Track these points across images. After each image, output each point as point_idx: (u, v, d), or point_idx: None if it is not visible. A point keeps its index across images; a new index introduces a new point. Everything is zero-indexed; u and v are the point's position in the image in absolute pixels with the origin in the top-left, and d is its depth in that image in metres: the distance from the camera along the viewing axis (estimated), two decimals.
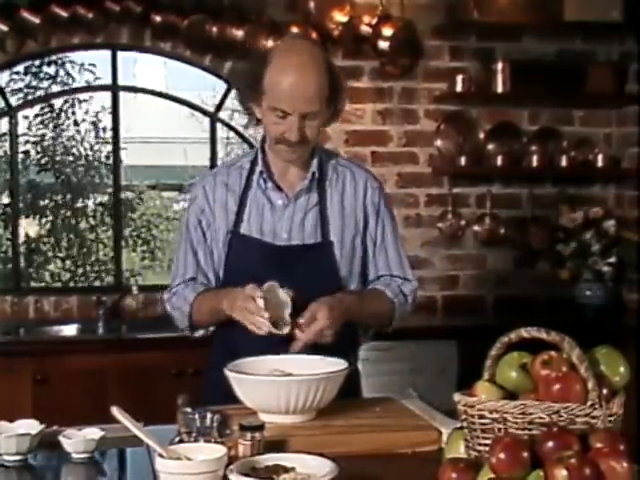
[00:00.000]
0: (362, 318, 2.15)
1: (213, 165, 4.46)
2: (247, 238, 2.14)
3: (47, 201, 6.02)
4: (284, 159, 2.13)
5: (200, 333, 2.28)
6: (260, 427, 1.65)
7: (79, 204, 6.16)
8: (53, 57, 5.41)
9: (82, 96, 5.82)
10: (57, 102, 5.86)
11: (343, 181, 2.19)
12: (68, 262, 6.07)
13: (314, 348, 1.99)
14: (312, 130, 2.06)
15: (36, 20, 3.91)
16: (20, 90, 5.62)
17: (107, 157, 5.94)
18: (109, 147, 4.32)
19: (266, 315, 1.92)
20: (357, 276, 2.20)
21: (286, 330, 1.97)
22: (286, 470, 1.55)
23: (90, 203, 6.24)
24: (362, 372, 2.30)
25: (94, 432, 1.80)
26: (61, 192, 6.08)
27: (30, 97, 5.60)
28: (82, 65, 5.61)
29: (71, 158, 6.15)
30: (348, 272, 2.17)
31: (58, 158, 6.07)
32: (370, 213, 2.20)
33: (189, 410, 1.74)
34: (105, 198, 6.08)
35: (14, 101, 4.67)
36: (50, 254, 6.03)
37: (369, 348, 3.24)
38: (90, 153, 6.13)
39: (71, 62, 5.67)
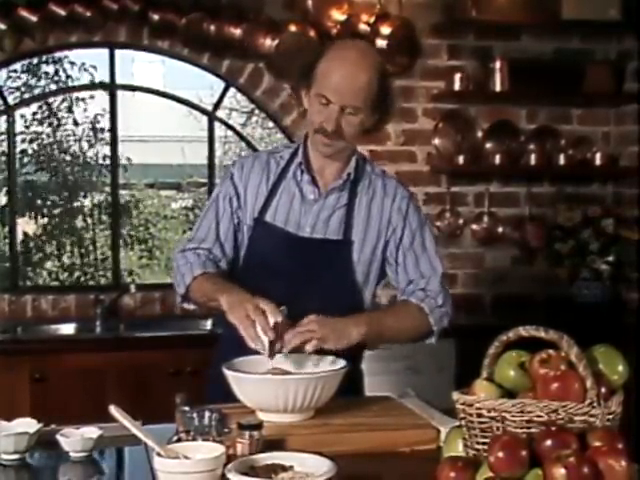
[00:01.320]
0: (382, 337, 2.08)
1: (211, 164, 4.45)
2: (270, 226, 2.16)
3: (44, 200, 6.02)
4: (320, 152, 2.14)
5: (190, 307, 2.22)
6: (258, 426, 1.65)
7: (76, 203, 6.16)
8: (51, 56, 5.41)
9: (79, 95, 5.81)
10: (54, 101, 5.85)
11: (374, 189, 2.20)
12: (66, 261, 6.07)
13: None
14: (350, 127, 2.06)
15: (34, 18, 3.90)
16: (18, 88, 5.62)
17: (104, 156, 5.95)
18: (107, 146, 4.30)
19: (271, 336, 1.86)
20: (372, 285, 2.20)
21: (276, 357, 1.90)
22: (284, 469, 1.54)
23: (88, 202, 6.24)
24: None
25: (92, 431, 1.80)
26: (58, 191, 6.08)
27: (28, 95, 5.59)
28: (83, 65, 5.61)
29: (68, 157, 6.15)
30: (364, 277, 2.17)
31: (55, 157, 6.07)
32: (396, 220, 2.18)
33: (187, 409, 1.73)
34: (103, 197, 6.08)
35: (12, 100, 4.65)
36: (48, 253, 6.02)
37: None
38: (87, 152, 6.13)
39: (70, 62, 5.67)
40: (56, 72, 5.70)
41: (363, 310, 2.18)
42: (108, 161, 4.37)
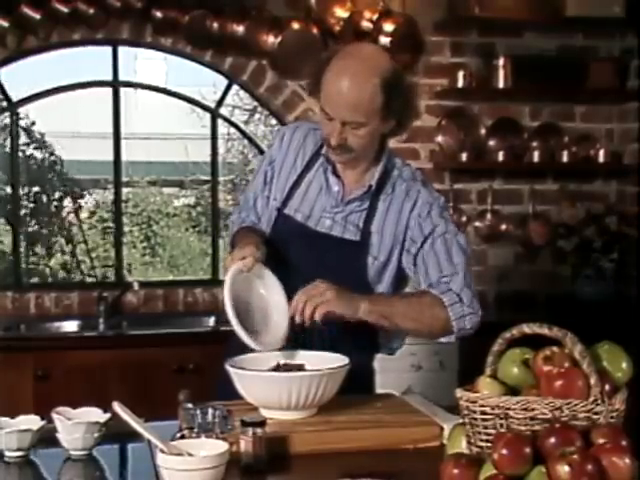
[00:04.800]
0: (390, 320, 2.01)
1: (214, 161, 4.45)
2: (291, 219, 2.16)
3: (47, 196, 6.02)
4: (333, 160, 2.13)
5: None
6: (261, 423, 1.65)
7: (80, 200, 6.17)
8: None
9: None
10: None
11: (395, 192, 2.13)
12: (68, 258, 6.08)
13: (331, 347, 1.98)
14: (356, 140, 2.02)
15: (37, 15, 3.90)
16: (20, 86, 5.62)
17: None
18: (110, 143, 4.31)
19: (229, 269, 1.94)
20: (388, 286, 2.14)
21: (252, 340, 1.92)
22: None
23: (91, 199, 6.25)
24: None
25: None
26: (61, 188, 6.08)
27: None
28: None
29: (69, 154, 6.16)
30: (377, 278, 2.13)
31: (57, 153, 6.07)
32: (413, 228, 2.10)
33: (190, 406, 1.74)
34: (106, 194, 6.08)
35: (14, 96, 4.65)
36: (50, 250, 6.03)
37: None
38: (90, 149, 6.13)
39: None
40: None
41: None
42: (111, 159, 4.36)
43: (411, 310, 2.03)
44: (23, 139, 5.61)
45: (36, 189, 5.96)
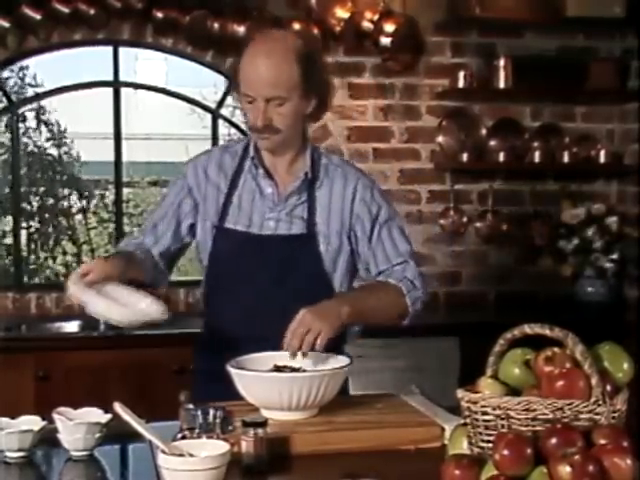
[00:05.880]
0: (363, 316, 2.07)
1: None
2: (231, 231, 2.16)
3: (49, 197, 6.03)
4: (261, 147, 2.16)
5: None
6: (263, 423, 1.65)
7: (80, 200, 6.17)
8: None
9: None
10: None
11: (333, 179, 2.19)
12: (69, 258, 6.08)
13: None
14: (281, 119, 2.05)
15: (37, 16, 3.90)
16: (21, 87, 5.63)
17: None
18: (110, 144, 4.31)
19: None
20: (343, 273, 2.18)
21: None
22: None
23: (91, 199, 6.25)
24: (365, 369, 2.29)
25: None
26: (61, 189, 6.09)
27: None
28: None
29: (69, 155, 6.17)
30: (332, 267, 2.16)
31: (55, 153, 6.08)
32: (360, 211, 2.17)
33: (191, 406, 1.74)
34: (106, 194, 6.09)
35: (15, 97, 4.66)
36: (51, 251, 6.03)
37: (371, 345, 3.24)
38: (90, 150, 6.14)
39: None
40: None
41: None
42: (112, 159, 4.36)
43: (381, 304, 2.13)
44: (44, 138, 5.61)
45: (39, 188, 5.98)
